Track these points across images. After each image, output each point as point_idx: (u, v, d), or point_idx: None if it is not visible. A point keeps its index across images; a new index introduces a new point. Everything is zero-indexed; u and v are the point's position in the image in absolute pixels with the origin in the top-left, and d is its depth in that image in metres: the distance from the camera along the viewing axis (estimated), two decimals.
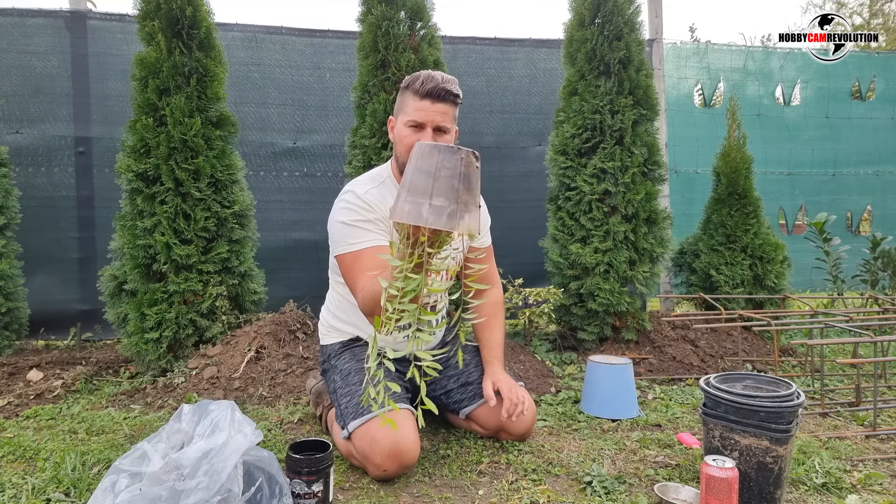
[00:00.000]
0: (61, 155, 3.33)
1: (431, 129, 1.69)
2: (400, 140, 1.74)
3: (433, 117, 1.68)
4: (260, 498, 1.28)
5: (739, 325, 2.68)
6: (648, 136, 3.02)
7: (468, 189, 1.11)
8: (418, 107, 1.68)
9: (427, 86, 1.67)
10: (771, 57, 4.78)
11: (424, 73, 1.69)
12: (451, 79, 1.70)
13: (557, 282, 3.07)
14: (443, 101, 1.68)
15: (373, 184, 1.80)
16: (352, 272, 1.69)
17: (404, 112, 1.72)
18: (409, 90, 1.71)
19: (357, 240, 1.69)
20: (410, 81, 1.71)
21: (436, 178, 1.10)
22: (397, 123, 1.77)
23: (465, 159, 1.11)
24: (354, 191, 1.75)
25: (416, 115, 1.69)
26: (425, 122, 1.68)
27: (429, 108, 1.68)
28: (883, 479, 1.63)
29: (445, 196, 1.09)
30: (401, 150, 1.73)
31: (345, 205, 1.74)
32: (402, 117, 1.73)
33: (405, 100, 1.73)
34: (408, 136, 1.70)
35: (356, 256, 1.67)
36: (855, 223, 4.92)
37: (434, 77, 1.68)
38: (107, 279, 2.70)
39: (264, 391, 2.38)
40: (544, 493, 1.55)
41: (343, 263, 1.73)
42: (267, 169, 3.57)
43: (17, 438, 1.95)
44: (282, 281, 3.39)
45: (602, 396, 2.20)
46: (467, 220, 1.10)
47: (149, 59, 2.64)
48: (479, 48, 3.80)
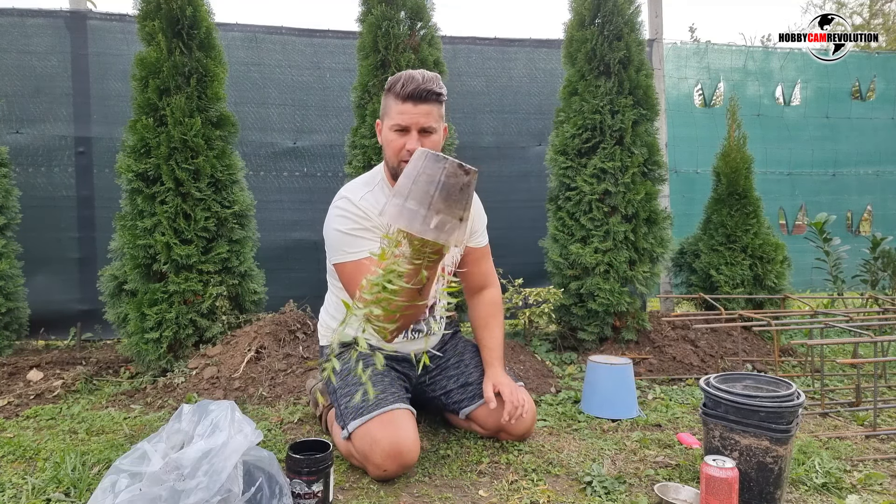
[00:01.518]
0: (61, 155, 3.33)
1: (416, 132, 1.68)
2: (387, 144, 1.73)
3: (417, 119, 1.67)
4: (260, 498, 1.28)
5: (739, 325, 2.68)
6: (648, 136, 3.02)
7: (445, 199, 1.11)
8: (401, 110, 1.67)
9: (408, 88, 1.64)
10: (771, 57, 4.77)
11: (405, 75, 1.67)
12: (432, 77, 1.68)
13: (557, 282, 3.07)
14: (425, 101, 1.66)
15: (367, 188, 1.79)
16: (354, 282, 1.69)
17: (388, 116, 1.71)
18: (391, 93, 1.69)
19: (357, 248, 1.69)
20: (392, 84, 1.69)
21: (414, 182, 1.12)
22: (383, 127, 1.75)
23: (448, 169, 1.12)
24: (349, 197, 1.75)
25: (399, 119, 1.67)
26: (409, 125, 1.67)
27: (412, 111, 1.66)
28: (883, 479, 1.63)
29: (418, 200, 1.11)
30: (388, 154, 1.73)
31: (340, 212, 1.73)
32: (387, 121, 1.72)
33: (388, 103, 1.71)
34: (394, 140, 1.70)
35: (357, 266, 1.68)
36: (855, 223, 4.92)
37: (414, 78, 1.65)
38: (107, 279, 2.70)
39: (264, 391, 2.38)
40: (544, 493, 1.55)
41: (343, 272, 1.74)
42: (267, 169, 3.57)
43: (17, 438, 1.95)
44: (282, 281, 3.39)
45: (602, 396, 2.20)
46: (439, 228, 1.11)
47: (149, 59, 2.64)
48: (479, 48, 3.80)
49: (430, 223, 1.10)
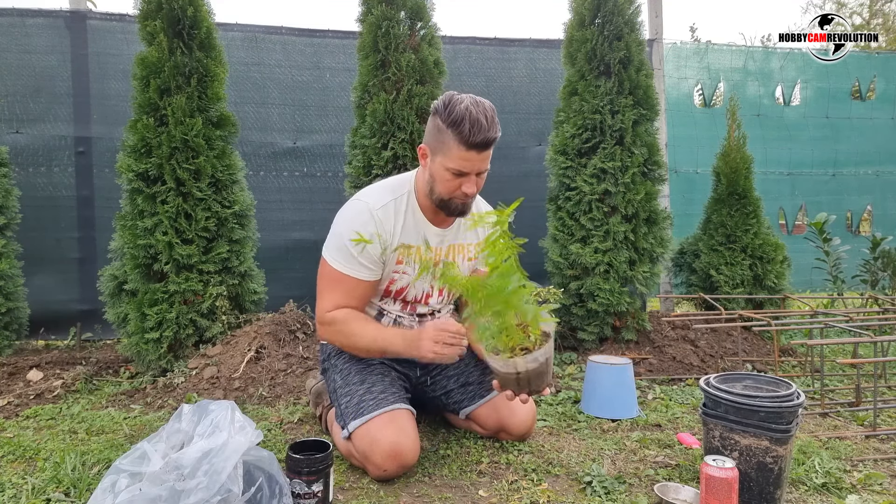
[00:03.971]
0: (61, 155, 3.33)
1: (475, 175, 1.67)
2: (440, 180, 1.68)
3: (478, 167, 1.65)
4: (260, 498, 1.28)
5: (739, 325, 2.68)
6: (648, 136, 3.02)
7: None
8: (465, 157, 1.60)
9: (476, 137, 1.57)
10: (771, 57, 4.77)
11: (469, 116, 1.56)
12: (492, 117, 1.60)
13: (557, 282, 3.07)
14: (489, 148, 1.64)
15: (391, 195, 1.76)
16: (328, 285, 1.75)
17: (447, 156, 1.63)
18: (453, 132, 1.59)
19: (348, 264, 1.72)
20: (455, 122, 1.57)
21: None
22: (435, 163, 1.67)
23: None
24: (369, 203, 1.73)
25: (461, 165, 1.62)
26: (470, 172, 1.65)
27: (476, 159, 1.62)
28: (883, 479, 1.63)
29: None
30: (440, 188, 1.69)
31: (354, 221, 1.71)
32: (442, 160, 1.64)
33: (447, 141, 1.61)
34: (450, 180, 1.66)
35: (340, 277, 1.73)
36: (855, 223, 4.91)
37: (482, 125, 1.57)
38: (107, 279, 2.70)
39: (264, 391, 2.38)
40: (544, 493, 1.55)
41: (324, 268, 1.77)
42: (267, 169, 3.57)
43: (17, 438, 1.95)
44: (282, 281, 3.39)
45: (602, 396, 2.20)
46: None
47: (150, 58, 2.64)
48: (479, 48, 3.80)
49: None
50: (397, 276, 1.80)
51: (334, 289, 1.74)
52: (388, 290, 1.83)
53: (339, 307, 1.75)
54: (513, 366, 1.43)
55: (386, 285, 1.82)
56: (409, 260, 1.78)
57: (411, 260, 1.78)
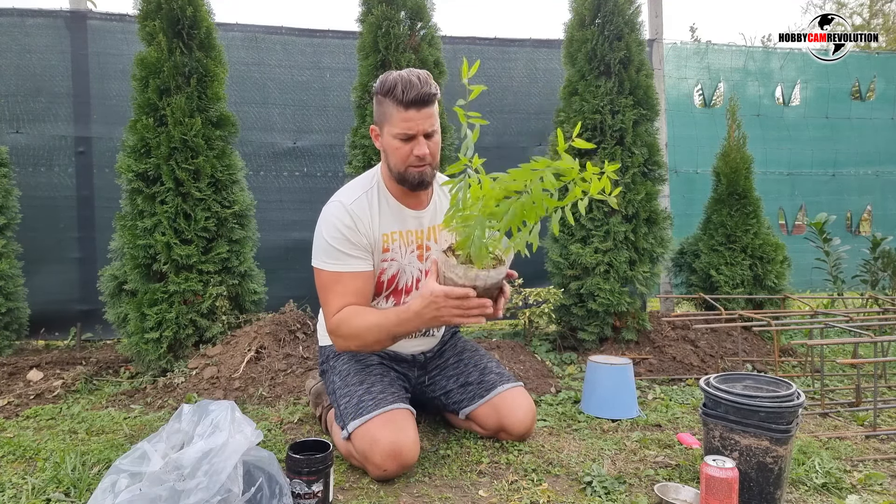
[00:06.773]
0: (61, 155, 3.33)
1: (422, 137, 1.68)
2: (392, 151, 1.71)
3: (422, 126, 1.66)
4: (260, 498, 1.28)
5: (739, 325, 2.68)
6: (649, 137, 3.02)
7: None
8: (405, 117, 1.64)
9: (410, 94, 1.61)
10: (771, 57, 4.77)
11: (401, 80, 1.63)
12: (426, 78, 1.65)
13: (557, 282, 3.07)
14: (427, 105, 1.65)
15: (361, 190, 1.79)
16: (327, 290, 1.74)
17: (390, 123, 1.67)
18: (389, 99, 1.65)
19: (338, 261, 1.72)
20: (389, 89, 1.64)
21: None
22: (384, 134, 1.72)
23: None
24: (342, 201, 1.75)
25: (405, 127, 1.65)
26: (416, 133, 1.66)
27: (416, 118, 1.64)
28: (883, 479, 1.63)
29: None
30: (394, 160, 1.71)
31: (331, 220, 1.73)
32: (388, 128, 1.69)
33: (388, 110, 1.67)
34: (400, 147, 1.68)
35: (336, 278, 1.72)
36: (855, 223, 4.91)
37: (413, 83, 1.62)
38: (107, 279, 2.70)
39: (264, 391, 2.38)
40: (544, 493, 1.55)
41: (319, 278, 1.76)
42: (267, 169, 3.57)
43: (17, 438, 1.95)
44: (282, 281, 3.39)
45: (602, 396, 2.20)
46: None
47: (149, 58, 2.64)
48: (479, 48, 3.80)
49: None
50: (386, 265, 1.81)
51: (334, 291, 1.73)
52: (381, 281, 1.82)
53: (342, 308, 1.74)
54: (473, 278, 1.45)
55: (377, 277, 1.82)
56: (394, 246, 1.79)
57: (396, 246, 1.79)
